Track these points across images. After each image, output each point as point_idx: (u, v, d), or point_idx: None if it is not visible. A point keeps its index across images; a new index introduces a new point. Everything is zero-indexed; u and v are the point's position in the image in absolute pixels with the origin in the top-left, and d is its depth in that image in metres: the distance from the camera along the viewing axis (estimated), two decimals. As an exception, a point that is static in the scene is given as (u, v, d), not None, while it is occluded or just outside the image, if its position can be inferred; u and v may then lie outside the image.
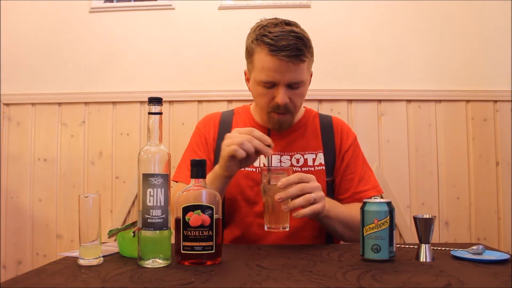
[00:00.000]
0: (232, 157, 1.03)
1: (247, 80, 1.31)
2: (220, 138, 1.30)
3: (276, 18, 1.21)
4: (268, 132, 1.05)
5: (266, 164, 1.17)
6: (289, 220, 1.03)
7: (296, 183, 0.98)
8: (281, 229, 1.03)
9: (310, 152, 1.29)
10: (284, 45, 1.12)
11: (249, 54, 1.23)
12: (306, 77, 1.21)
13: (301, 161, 1.28)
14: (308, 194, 0.98)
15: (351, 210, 1.16)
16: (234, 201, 1.26)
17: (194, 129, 1.38)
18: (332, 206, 1.10)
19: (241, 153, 1.00)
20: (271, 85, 1.18)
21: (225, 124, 1.34)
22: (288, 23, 1.19)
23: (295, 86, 1.18)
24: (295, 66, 1.15)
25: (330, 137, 1.32)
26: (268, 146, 1.03)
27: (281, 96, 1.16)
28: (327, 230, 1.19)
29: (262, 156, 1.26)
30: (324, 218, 1.08)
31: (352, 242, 1.15)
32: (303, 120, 1.35)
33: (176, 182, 1.28)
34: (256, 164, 1.27)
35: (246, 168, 1.25)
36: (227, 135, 1.07)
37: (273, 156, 1.27)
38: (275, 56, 1.13)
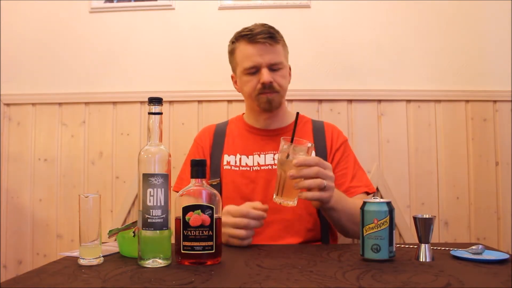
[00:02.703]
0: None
1: (235, 83, 1.42)
2: (215, 144, 1.40)
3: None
4: (296, 114, 1.14)
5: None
6: (297, 198, 1.04)
7: (312, 165, 1.00)
8: (289, 203, 1.04)
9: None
10: (258, 31, 1.29)
11: (231, 53, 1.38)
12: (284, 60, 1.34)
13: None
14: (320, 179, 1.01)
15: (357, 205, 1.17)
16: (231, 199, 1.28)
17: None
18: (340, 198, 1.13)
19: (239, 243, 1.05)
20: (255, 70, 1.31)
21: (219, 133, 1.43)
22: (260, 23, 1.35)
23: (276, 67, 1.31)
24: (272, 47, 1.29)
25: (321, 138, 1.38)
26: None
27: (265, 76, 1.28)
28: (332, 223, 1.20)
29: (256, 156, 1.35)
30: (330, 210, 1.11)
31: (354, 238, 1.18)
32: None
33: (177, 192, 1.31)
34: (250, 163, 1.30)
35: (241, 168, 1.33)
36: (223, 219, 1.02)
37: (266, 155, 1.32)
38: (253, 41, 1.29)
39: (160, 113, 0.89)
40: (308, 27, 1.83)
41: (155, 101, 0.88)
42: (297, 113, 1.13)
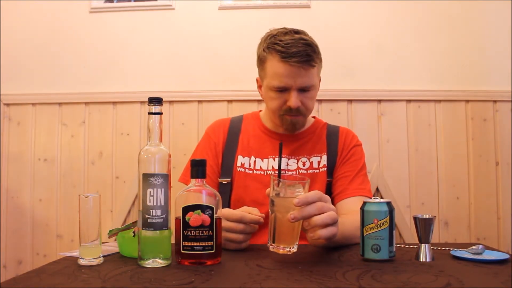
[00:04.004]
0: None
1: (259, 87, 1.35)
2: (228, 142, 1.35)
3: (285, 28, 1.27)
4: (279, 145, 1.04)
5: (276, 168, 1.08)
6: (297, 241, 0.91)
7: (316, 201, 0.87)
8: (287, 250, 0.89)
9: (315, 155, 1.33)
10: (294, 52, 1.17)
11: (261, 62, 1.28)
12: (316, 81, 1.27)
13: (307, 164, 1.32)
14: (333, 213, 0.88)
15: (354, 222, 1.05)
16: (241, 202, 1.27)
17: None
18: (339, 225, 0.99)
19: (236, 246, 1.00)
20: (283, 89, 1.23)
21: (234, 130, 1.38)
22: (296, 32, 1.24)
23: (306, 89, 1.23)
24: (306, 71, 1.20)
25: (335, 141, 1.36)
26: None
27: (294, 100, 1.21)
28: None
29: (271, 160, 1.31)
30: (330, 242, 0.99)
31: None
32: (312, 128, 1.39)
33: (183, 183, 1.30)
34: (264, 167, 1.29)
35: (255, 171, 1.31)
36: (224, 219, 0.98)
37: (281, 156, 1.30)
38: (287, 62, 1.18)
39: (160, 113, 0.89)
40: (308, 27, 1.80)
41: (155, 101, 0.88)
42: (280, 144, 1.02)
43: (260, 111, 1.44)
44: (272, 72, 1.23)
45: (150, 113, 0.88)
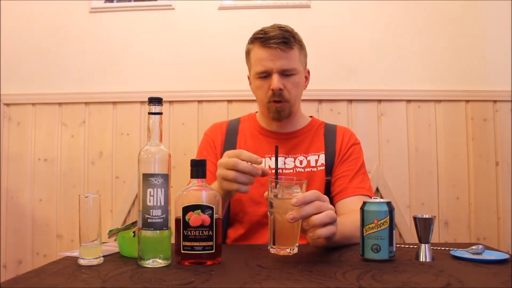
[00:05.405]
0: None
1: (250, 84, 1.37)
2: (227, 142, 1.36)
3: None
4: (275, 148, 1.04)
5: (273, 167, 1.11)
6: (298, 242, 0.92)
7: (313, 200, 0.87)
8: (287, 251, 0.90)
9: (313, 153, 1.33)
10: (272, 35, 1.24)
11: (247, 54, 1.33)
12: (298, 66, 1.29)
13: (304, 163, 1.32)
14: (331, 211, 0.88)
15: (353, 221, 1.04)
16: (239, 201, 1.28)
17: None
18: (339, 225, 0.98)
19: (233, 187, 0.99)
20: (266, 75, 1.26)
21: (231, 132, 1.39)
22: (278, 24, 1.30)
23: (288, 73, 1.26)
24: (284, 53, 1.24)
25: (332, 139, 1.35)
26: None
27: (275, 82, 1.24)
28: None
29: (267, 159, 1.31)
30: (330, 242, 0.98)
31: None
32: (308, 127, 1.39)
33: None
34: (262, 165, 1.29)
35: None
36: (220, 162, 1.02)
37: (278, 158, 1.30)
38: (266, 46, 1.24)
39: (160, 113, 0.89)
40: (308, 27, 1.82)
41: (155, 101, 0.88)
42: (276, 147, 1.03)
43: (256, 112, 1.45)
44: (255, 60, 1.28)
45: (150, 113, 0.88)
